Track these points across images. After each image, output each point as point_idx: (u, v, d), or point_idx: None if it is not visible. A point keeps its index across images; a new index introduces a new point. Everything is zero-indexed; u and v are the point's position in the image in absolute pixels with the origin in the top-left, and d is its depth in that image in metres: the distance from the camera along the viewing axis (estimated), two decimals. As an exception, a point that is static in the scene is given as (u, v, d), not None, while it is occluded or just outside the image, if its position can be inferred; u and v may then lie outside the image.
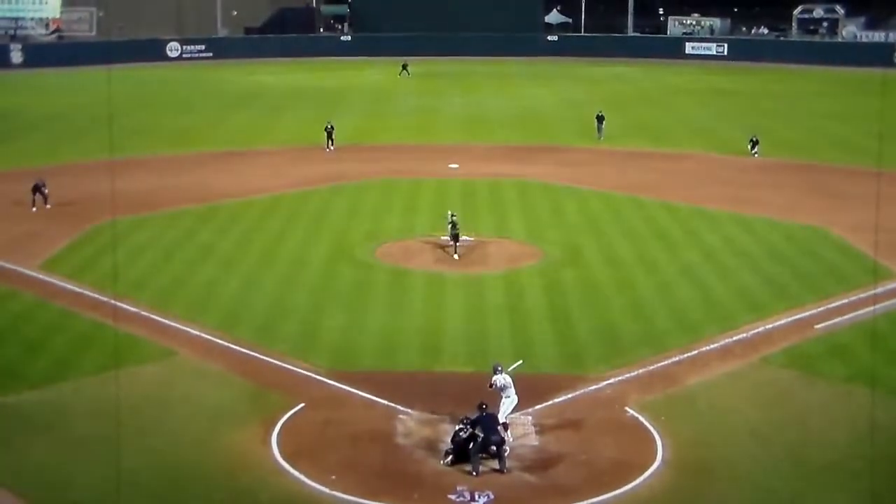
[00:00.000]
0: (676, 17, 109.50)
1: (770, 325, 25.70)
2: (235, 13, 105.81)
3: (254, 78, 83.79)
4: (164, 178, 44.10)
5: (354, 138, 53.99)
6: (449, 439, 18.68)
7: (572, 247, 33.36)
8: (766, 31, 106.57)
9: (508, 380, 19.57)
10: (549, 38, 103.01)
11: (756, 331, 25.35)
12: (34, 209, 37.50)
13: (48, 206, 37.67)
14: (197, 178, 44.48)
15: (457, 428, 18.55)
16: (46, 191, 37.71)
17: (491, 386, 19.61)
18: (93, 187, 39.18)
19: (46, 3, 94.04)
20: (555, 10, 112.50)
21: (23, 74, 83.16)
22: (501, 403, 19.41)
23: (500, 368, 19.75)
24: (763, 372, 22.93)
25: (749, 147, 50.10)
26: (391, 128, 59.17)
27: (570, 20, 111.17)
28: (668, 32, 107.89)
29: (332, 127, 50.96)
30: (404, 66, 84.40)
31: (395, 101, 70.65)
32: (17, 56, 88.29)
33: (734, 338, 24.88)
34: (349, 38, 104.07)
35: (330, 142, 50.58)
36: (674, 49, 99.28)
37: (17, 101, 69.45)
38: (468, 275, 30.14)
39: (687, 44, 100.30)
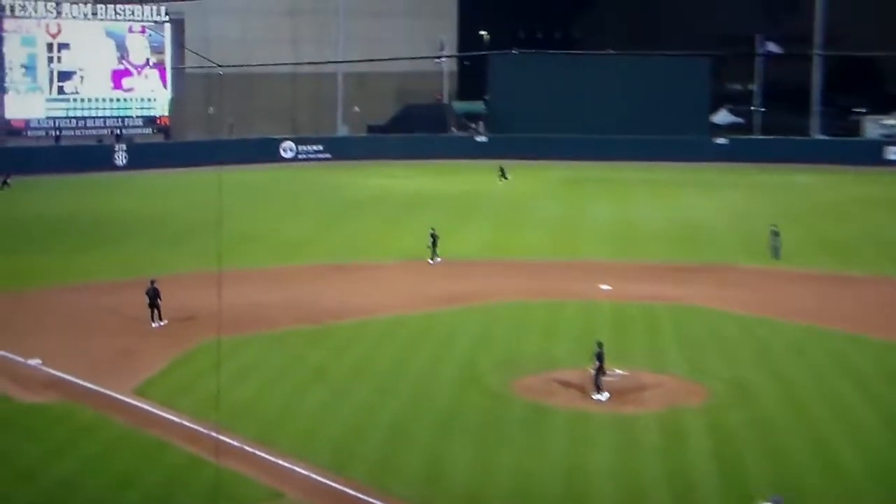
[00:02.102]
0: (874, 118, 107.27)
1: None
2: (357, 110, 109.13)
3: (375, 182, 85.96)
4: (274, 293, 45.39)
5: (487, 252, 54.50)
6: None
7: (742, 384, 32.65)
8: None
9: None
10: (717, 141, 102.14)
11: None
12: (154, 324, 39.11)
13: (164, 323, 39.12)
14: (310, 293, 45.54)
15: None
16: (160, 301, 39.18)
17: None
18: (195, 300, 40.58)
19: (154, 100, 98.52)
20: (724, 109, 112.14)
21: (127, 177, 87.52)
22: None
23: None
24: None
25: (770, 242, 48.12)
26: (529, 241, 59.65)
27: (743, 121, 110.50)
28: (864, 135, 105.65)
29: (435, 234, 51.95)
30: (502, 171, 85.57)
31: (535, 210, 71.42)
32: (121, 157, 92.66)
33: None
34: (485, 139, 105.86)
35: (433, 252, 51.64)
36: (870, 154, 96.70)
37: (120, 204, 73.03)
38: (619, 415, 29.81)
39: (888, 148, 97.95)
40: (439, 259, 51.85)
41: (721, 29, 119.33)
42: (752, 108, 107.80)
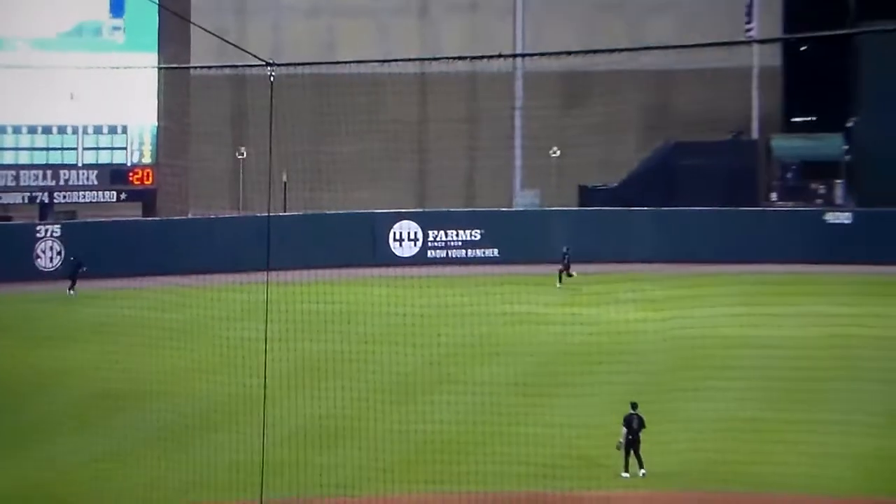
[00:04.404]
0: None
1: None
2: (556, 154, 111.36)
3: (599, 312, 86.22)
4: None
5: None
6: None
7: None
8: None
9: None
10: None
11: None
12: None
13: None
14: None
15: None
16: None
17: None
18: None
19: (124, 132, 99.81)
20: None
21: (60, 293, 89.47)
22: None
23: None
24: None
25: None
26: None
27: None
28: None
29: (640, 421, 52.58)
30: (566, 265, 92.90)
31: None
32: (48, 253, 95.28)
33: None
34: (848, 217, 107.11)
35: (625, 462, 52.83)
36: None
37: (39, 357, 74.12)
38: None
39: None
40: (626, 474, 53.80)
41: None
42: None
